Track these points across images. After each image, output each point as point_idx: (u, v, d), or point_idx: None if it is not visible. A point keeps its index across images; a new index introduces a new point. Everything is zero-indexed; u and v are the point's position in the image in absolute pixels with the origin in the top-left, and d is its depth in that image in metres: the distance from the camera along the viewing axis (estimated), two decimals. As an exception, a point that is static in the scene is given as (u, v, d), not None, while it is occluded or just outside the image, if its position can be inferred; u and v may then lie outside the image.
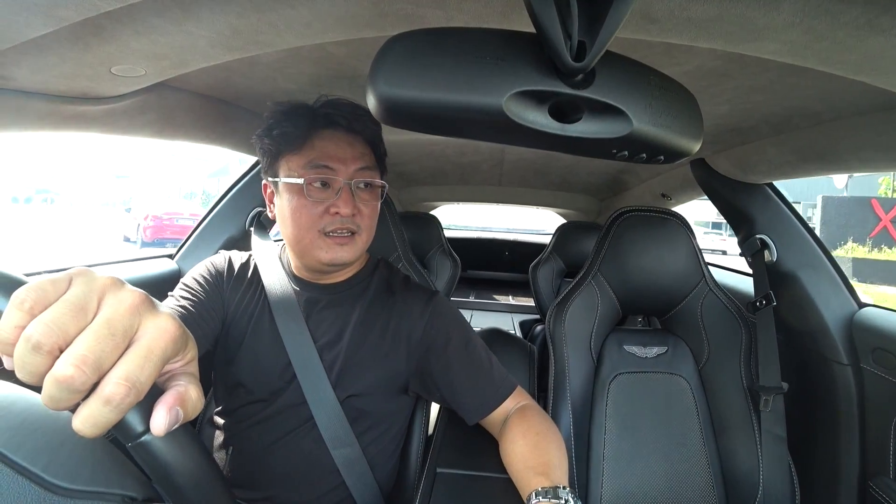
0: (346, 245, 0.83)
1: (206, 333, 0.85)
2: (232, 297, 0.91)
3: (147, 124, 0.94)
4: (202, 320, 0.84)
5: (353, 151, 0.83)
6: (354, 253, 0.85)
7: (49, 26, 0.51)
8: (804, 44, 0.54)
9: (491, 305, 2.88)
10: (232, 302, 0.90)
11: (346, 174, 0.82)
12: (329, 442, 0.83)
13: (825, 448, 1.14)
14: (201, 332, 0.83)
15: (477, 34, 0.43)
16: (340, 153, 0.82)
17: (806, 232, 1.21)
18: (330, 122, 0.83)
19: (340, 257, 0.83)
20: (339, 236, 0.83)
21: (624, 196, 2.20)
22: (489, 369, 0.89)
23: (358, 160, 0.83)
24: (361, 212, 0.84)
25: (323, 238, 0.82)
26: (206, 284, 0.89)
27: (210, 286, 0.89)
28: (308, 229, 0.82)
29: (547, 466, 0.72)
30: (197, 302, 0.85)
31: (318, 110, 0.84)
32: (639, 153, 0.49)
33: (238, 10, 0.54)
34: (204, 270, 0.92)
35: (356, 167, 0.83)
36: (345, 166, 0.82)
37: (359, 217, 0.84)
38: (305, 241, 0.83)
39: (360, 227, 0.84)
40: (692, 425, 1.11)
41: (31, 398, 0.47)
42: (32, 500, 0.38)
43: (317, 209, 0.81)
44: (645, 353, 1.18)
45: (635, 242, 1.18)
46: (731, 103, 0.90)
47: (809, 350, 1.18)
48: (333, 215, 0.81)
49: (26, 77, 0.66)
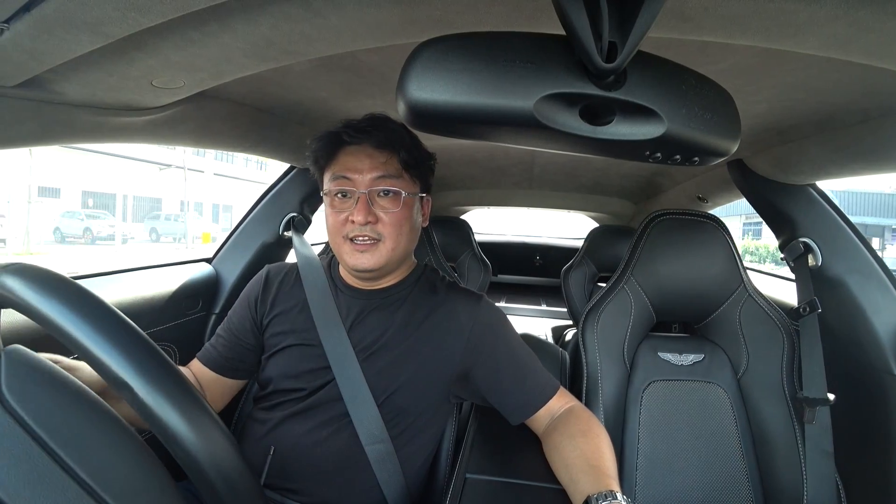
0: (366, 252, 0.86)
1: (244, 360, 0.97)
2: (269, 307, 0.96)
3: (186, 133, 0.98)
4: (237, 350, 0.96)
5: (371, 162, 0.85)
6: (378, 260, 0.87)
7: (96, 43, 0.54)
8: (848, 37, 0.51)
9: (522, 311, 2.85)
10: (269, 312, 0.96)
11: (364, 184, 0.85)
12: (363, 438, 0.85)
13: (876, 465, 1.08)
14: (238, 362, 0.96)
15: (506, 38, 0.43)
16: (358, 164, 0.85)
17: (854, 235, 1.15)
18: (352, 138, 0.86)
19: (362, 263, 0.86)
20: (360, 243, 0.86)
21: (659, 199, 2.14)
22: (534, 370, 0.92)
23: (376, 169, 0.85)
24: (381, 220, 0.86)
25: (348, 243, 0.87)
26: (241, 312, 0.98)
27: (243, 313, 0.98)
28: (335, 234, 0.88)
29: (601, 469, 0.72)
30: (231, 336, 0.96)
31: (343, 129, 0.87)
32: (673, 155, 0.48)
33: (271, 22, 0.55)
34: (242, 298, 1.00)
35: (373, 176, 0.85)
36: (361, 176, 0.85)
37: (379, 225, 0.86)
38: (335, 245, 0.89)
39: (382, 234, 0.86)
40: (730, 436, 1.07)
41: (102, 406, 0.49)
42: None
43: (339, 217, 0.86)
44: (680, 361, 1.14)
45: (670, 246, 1.15)
46: (770, 101, 0.87)
47: (857, 360, 1.12)
48: (352, 223, 0.85)
49: (75, 91, 0.70)
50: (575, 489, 0.71)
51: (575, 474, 0.73)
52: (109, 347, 0.44)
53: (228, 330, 0.97)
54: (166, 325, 1.19)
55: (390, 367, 0.88)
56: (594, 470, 0.72)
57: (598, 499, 0.65)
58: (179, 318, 1.24)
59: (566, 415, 0.87)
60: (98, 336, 0.44)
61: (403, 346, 0.89)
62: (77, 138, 0.84)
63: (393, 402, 0.87)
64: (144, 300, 1.14)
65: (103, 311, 0.46)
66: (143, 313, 1.12)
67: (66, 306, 0.45)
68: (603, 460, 0.74)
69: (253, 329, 0.95)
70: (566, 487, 0.74)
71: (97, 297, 0.48)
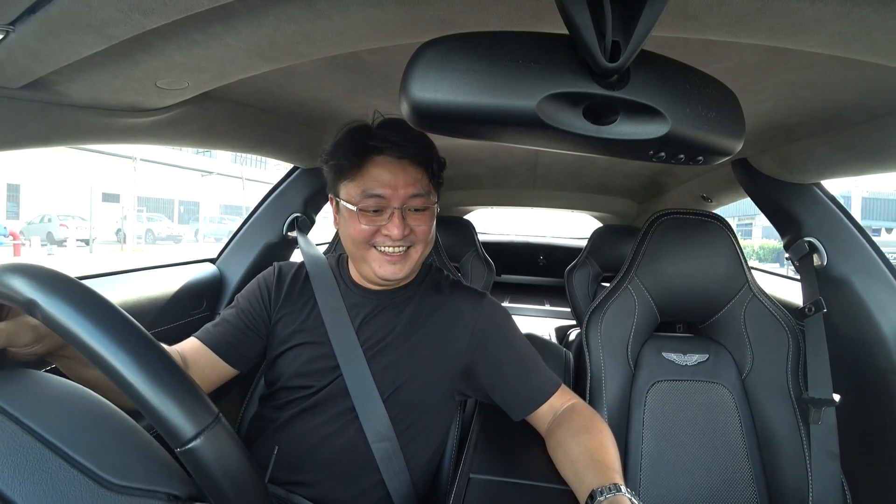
0: (398, 263, 0.87)
1: (249, 348, 0.95)
2: (280, 304, 0.96)
3: (190, 134, 0.98)
4: (245, 336, 0.94)
5: (405, 178, 0.84)
6: (409, 268, 0.88)
7: (101, 44, 0.54)
8: (854, 35, 0.51)
9: (526, 311, 2.85)
10: (280, 309, 0.95)
11: (398, 200, 0.84)
12: (370, 435, 0.85)
13: (882, 466, 1.07)
14: (244, 348, 0.94)
15: (509, 37, 0.43)
16: (392, 180, 0.83)
17: (860, 234, 1.15)
18: (382, 150, 0.84)
19: (394, 273, 0.87)
20: (392, 254, 0.86)
21: (662, 198, 2.14)
22: (536, 367, 0.93)
23: (410, 186, 0.84)
24: (415, 231, 0.87)
25: (374, 251, 0.87)
26: (252, 301, 0.96)
27: (255, 302, 0.96)
28: (362, 244, 0.87)
29: (605, 464, 0.72)
30: (240, 321, 0.94)
31: (371, 138, 0.84)
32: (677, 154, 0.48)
33: (275, 23, 0.55)
34: (254, 287, 0.99)
35: (408, 194, 0.84)
36: (395, 192, 0.83)
37: (413, 235, 0.87)
38: (360, 254, 0.88)
39: (415, 241, 0.88)
40: (735, 437, 1.07)
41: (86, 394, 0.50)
42: (86, 495, 0.40)
43: (368, 229, 0.85)
44: (685, 361, 1.14)
45: (674, 246, 1.15)
46: (775, 100, 0.86)
47: (863, 360, 1.11)
48: (385, 236, 0.85)
49: (80, 92, 0.70)
50: (580, 484, 0.71)
51: (579, 469, 0.74)
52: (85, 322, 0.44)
53: (239, 316, 0.94)
54: (170, 326, 1.19)
55: (396, 363, 0.89)
56: (598, 465, 0.72)
57: (602, 492, 0.65)
58: (184, 318, 1.24)
59: (569, 411, 0.87)
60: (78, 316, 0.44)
61: (409, 343, 0.90)
62: (82, 139, 0.84)
63: (398, 397, 0.88)
64: (149, 300, 1.14)
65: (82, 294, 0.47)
66: (148, 313, 1.13)
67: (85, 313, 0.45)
68: (607, 455, 0.75)
69: (265, 319, 0.95)
70: (570, 483, 0.74)
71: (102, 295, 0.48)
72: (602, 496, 0.65)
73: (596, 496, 0.65)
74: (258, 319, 0.94)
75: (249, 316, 0.94)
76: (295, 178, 1.44)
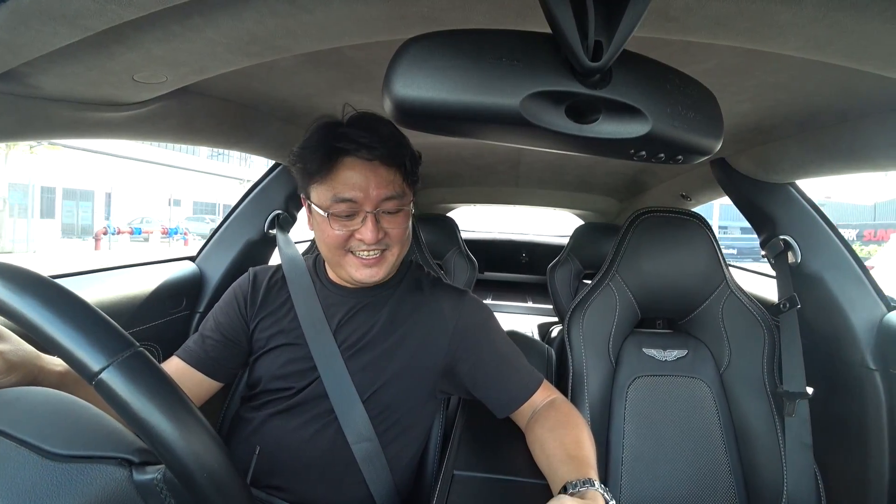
0: (374, 266, 0.86)
1: (231, 360, 0.93)
2: (257, 309, 0.94)
3: (169, 129, 0.96)
4: (226, 350, 0.92)
5: (377, 180, 0.81)
6: (386, 270, 0.87)
7: (75, 35, 0.52)
8: (828, 39, 0.52)
9: (508, 308, 2.86)
10: (257, 314, 0.94)
11: (370, 203, 0.81)
12: (349, 436, 0.85)
13: (852, 456, 1.11)
14: (226, 361, 0.93)
15: (492, 35, 0.43)
16: (363, 183, 0.80)
17: (831, 232, 1.18)
18: (350, 152, 0.80)
19: (371, 277, 0.86)
20: (367, 258, 0.85)
21: (643, 197, 2.16)
22: (517, 364, 0.93)
23: (382, 188, 0.81)
24: (389, 234, 0.85)
25: (350, 256, 0.85)
26: (229, 312, 0.95)
27: (232, 313, 0.94)
28: (337, 248, 0.85)
29: (580, 459, 0.73)
30: (220, 335, 0.92)
31: (339, 139, 0.80)
32: (657, 153, 0.49)
33: (256, 17, 0.55)
34: (229, 297, 0.97)
35: (380, 196, 0.81)
36: (367, 196, 0.81)
37: (387, 238, 0.85)
38: (335, 259, 0.87)
39: (390, 244, 0.86)
40: (713, 430, 1.09)
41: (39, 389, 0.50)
42: (33, 467, 0.41)
43: (342, 233, 0.83)
44: (664, 357, 1.16)
45: (654, 244, 1.16)
46: (753, 101, 0.88)
47: (835, 355, 1.15)
48: (359, 241, 0.83)
49: (53, 85, 0.68)
50: (555, 478, 0.72)
51: (554, 464, 0.75)
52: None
53: (218, 330, 0.93)
54: (150, 325, 1.17)
55: (375, 363, 0.88)
56: (573, 460, 0.73)
57: (575, 485, 0.66)
58: (163, 316, 1.22)
59: (547, 407, 0.88)
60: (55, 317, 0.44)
61: (388, 343, 0.89)
62: (55, 133, 0.82)
63: (378, 398, 0.87)
64: (127, 299, 1.12)
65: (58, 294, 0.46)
66: (126, 312, 1.10)
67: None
68: (582, 450, 0.76)
69: (243, 329, 0.93)
70: (547, 477, 0.75)
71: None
72: (575, 489, 0.66)
73: (569, 489, 0.66)
74: (237, 330, 0.93)
75: (228, 328, 0.93)
76: (276, 175, 1.42)
